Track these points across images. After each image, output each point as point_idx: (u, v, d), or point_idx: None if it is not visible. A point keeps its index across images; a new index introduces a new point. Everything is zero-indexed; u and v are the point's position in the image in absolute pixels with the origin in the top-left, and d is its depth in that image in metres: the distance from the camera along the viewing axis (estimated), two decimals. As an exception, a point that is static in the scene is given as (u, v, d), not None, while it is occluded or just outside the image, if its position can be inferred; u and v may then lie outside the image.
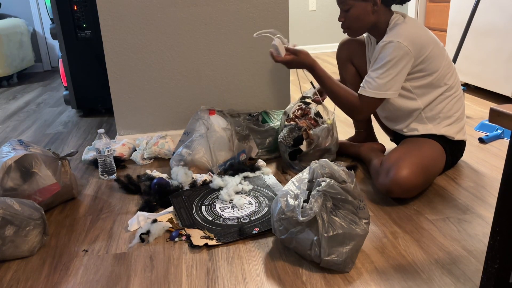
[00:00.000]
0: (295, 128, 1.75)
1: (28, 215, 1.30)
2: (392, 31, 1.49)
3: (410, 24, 1.50)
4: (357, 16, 1.51)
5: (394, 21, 1.52)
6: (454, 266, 1.17)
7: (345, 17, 1.54)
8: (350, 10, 1.51)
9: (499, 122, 0.78)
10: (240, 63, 2.10)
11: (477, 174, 1.70)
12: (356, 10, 1.50)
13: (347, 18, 1.54)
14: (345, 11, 1.52)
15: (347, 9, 1.51)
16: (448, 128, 1.59)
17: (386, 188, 1.46)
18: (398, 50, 1.45)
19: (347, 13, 1.52)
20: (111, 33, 1.95)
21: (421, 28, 1.51)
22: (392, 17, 1.53)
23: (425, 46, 1.48)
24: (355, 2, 1.49)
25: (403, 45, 1.44)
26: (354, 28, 1.56)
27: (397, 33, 1.47)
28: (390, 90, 1.49)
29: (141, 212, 1.47)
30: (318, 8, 4.65)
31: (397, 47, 1.44)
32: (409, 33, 1.47)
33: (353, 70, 1.81)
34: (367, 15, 1.51)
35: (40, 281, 1.19)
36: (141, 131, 2.12)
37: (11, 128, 2.58)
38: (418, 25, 1.52)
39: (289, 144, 1.74)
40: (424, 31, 1.51)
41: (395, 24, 1.51)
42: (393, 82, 1.48)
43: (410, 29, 1.48)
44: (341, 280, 1.13)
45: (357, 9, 1.50)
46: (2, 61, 3.67)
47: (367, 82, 1.51)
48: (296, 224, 1.16)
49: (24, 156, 1.47)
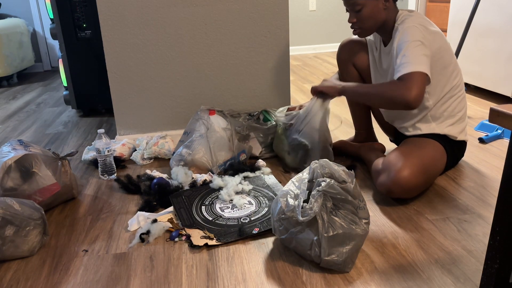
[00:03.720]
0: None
1: (28, 215, 1.30)
2: (404, 23, 1.48)
3: (419, 16, 1.50)
4: (369, 15, 1.49)
5: (401, 17, 1.51)
6: (454, 266, 1.17)
7: (356, 17, 1.51)
8: (362, 10, 1.49)
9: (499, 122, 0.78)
10: (240, 63, 2.10)
11: (477, 174, 1.70)
12: (368, 9, 1.48)
13: (359, 19, 1.51)
14: (357, 11, 1.50)
15: (359, 10, 1.49)
16: (451, 127, 1.59)
17: (386, 188, 1.46)
18: (417, 30, 1.43)
19: (359, 13, 1.50)
20: (111, 33, 1.95)
21: (430, 22, 1.52)
22: (398, 14, 1.53)
23: (435, 38, 1.48)
24: (366, 1, 1.47)
25: (419, 29, 1.43)
26: (366, 27, 1.54)
27: (411, 22, 1.46)
28: (425, 65, 1.40)
29: (141, 212, 1.47)
30: (318, 8, 4.64)
31: (418, 30, 1.43)
32: (420, 22, 1.46)
33: (354, 72, 1.81)
34: (379, 12, 1.50)
35: (40, 281, 1.19)
36: (141, 131, 2.12)
37: (11, 128, 2.58)
38: (426, 19, 1.52)
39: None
40: (433, 25, 1.52)
41: (404, 17, 1.50)
42: (424, 58, 1.41)
43: (421, 20, 1.48)
44: (341, 280, 1.13)
45: (369, 8, 1.48)
46: (2, 61, 3.67)
47: (400, 65, 1.41)
48: (296, 224, 1.16)
49: (24, 156, 1.47)
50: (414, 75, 1.38)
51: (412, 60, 1.39)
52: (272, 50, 2.11)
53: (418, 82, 1.37)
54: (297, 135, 1.73)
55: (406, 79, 1.38)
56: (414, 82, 1.37)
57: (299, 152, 1.74)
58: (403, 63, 1.41)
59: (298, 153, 1.75)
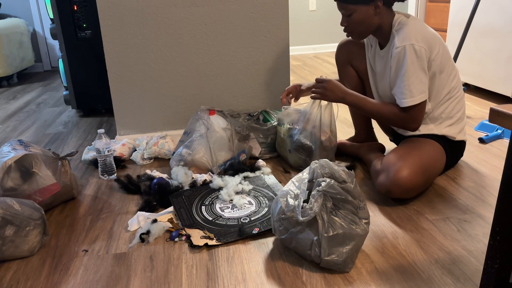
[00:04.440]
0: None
1: (28, 215, 1.30)
2: (400, 33, 1.47)
3: (416, 23, 1.49)
4: (360, 20, 1.50)
5: (398, 22, 1.51)
6: (454, 266, 1.17)
7: (347, 22, 1.52)
8: (353, 15, 1.49)
9: (499, 122, 0.78)
10: (240, 63, 2.10)
11: (477, 174, 1.70)
12: (358, 15, 1.48)
13: (350, 23, 1.52)
14: (347, 16, 1.50)
15: (349, 14, 1.50)
16: (449, 128, 1.59)
17: (386, 188, 1.46)
18: (415, 52, 1.43)
19: (350, 18, 1.50)
20: (111, 33, 1.95)
21: (427, 26, 1.51)
22: (395, 18, 1.52)
23: (433, 45, 1.48)
24: (356, 7, 1.47)
25: (418, 46, 1.43)
26: (357, 32, 1.55)
27: (407, 35, 1.45)
28: (425, 91, 1.48)
29: (141, 212, 1.47)
30: (318, 8, 4.64)
31: (414, 50, 1.43)
32: (419, 32, 1.46)
33: (352, 72, 1.81)
34: (370, 18, 1.50)
35: (40, 281, 1.19)
36: (141, 131, 2.12)
37: (11, 128, 2.58)
38: (423, 24, 1.51)
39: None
40: (430, 29, 1.51)
41: (400, 24, 1.49)
42: (424, 82, 1.47)
43: (419, 28, 1.47)
44: (341, 280, 1.13)
45: (360, 14, 1.48)
46: (2, 61, 3.67)
47: (402, 93, 1.48)
48: (296, 224, 1.16)
49: (24, 156, 1.47)
50: (418, 106, 1.48)
51: (414, 89, 1.46)
52: (272, 50, 2.11)
53: (421, 112, 1.50)
54: (300, 135, 1.73)
55: (410, 111, 1.49)
56: (418, 113, 1.50)
57: (302, 152, 1.74)
58: (405, 93, 1.47)
59: (301, 153, 1.75)
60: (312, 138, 1.71)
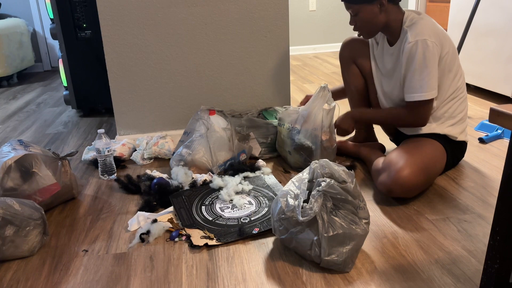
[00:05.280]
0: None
1: (28, 215, 1.30)
2: (413, 29, 1.48)
3: (428, 20, 1.51)
4: (366, 18, 1.53)
5: (409, 18, 1.53)
6: (454, 266, 1.17)
7: (355, 21, 1.56)
8: (359, 14, 1.52)
9: (499, 122, 0.78)
10: (240, 63, 2.10)
11: (477, 174, 1.70)
12: (364, 13, 1.52)
13: (357, 22, 1.56)
14: (354, 15, 1.54)
15: (356, 13, 1.53)
16: (451, 128, 1.59)
17: (386, 187, 1.46)
18: (428, 48, 1.45)
19: (357, 17, 1.54)
20: (111, 33, 1.95)
21: (438, 25, 1.53)
22: (406, 15, 1.54)
23: (444, 43, 1.50)
24: (361, 6, 1.50)
25: (430, 42, 1.45)
26: (365, 30, 1.58)
27: (420, 31, 1.47)
28: (435, 88, 1.49)
29: (141, 212, 1.47)
30: (318, 8, 4.64)
31: (427, 45, 1.45)
32: (431, 29, 1.48)
33: (356, 70, 1.81)
34: (376, 16, 1.52)
35: (40, 281, 1.19)
36: (141, 131, 2.12)
37: (11, 128, 2.58)
38: (435, 22, 1.53)
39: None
40: (441, 28, 1.53)
41: (413, 21, 1.51)
42: (435, 79, 1.48)
43: (431, 25, 1.49)
44: (341, 280, 1.13)
45: (365, 12, 1.51)
46: (2, 61, 3.67)
47: (412, 88, 1.50)
48: (296, 224, 1.16)
49: (24, 156, 1.47)
50: (426, 103, 1.51)
51: (425, 84, 1.47)
52: (272, 50, 2.11)
53: (429, 108, 1.53)
54: (301, 136, 1.73)
55: (419, 107, 1.52)
56: (426, 109, 1.53)
57: (303, 153, 1.74)
58: (415, 87, 1.50)
59: (301, 154, 1.75)
60: (313, 138, 1.71)
